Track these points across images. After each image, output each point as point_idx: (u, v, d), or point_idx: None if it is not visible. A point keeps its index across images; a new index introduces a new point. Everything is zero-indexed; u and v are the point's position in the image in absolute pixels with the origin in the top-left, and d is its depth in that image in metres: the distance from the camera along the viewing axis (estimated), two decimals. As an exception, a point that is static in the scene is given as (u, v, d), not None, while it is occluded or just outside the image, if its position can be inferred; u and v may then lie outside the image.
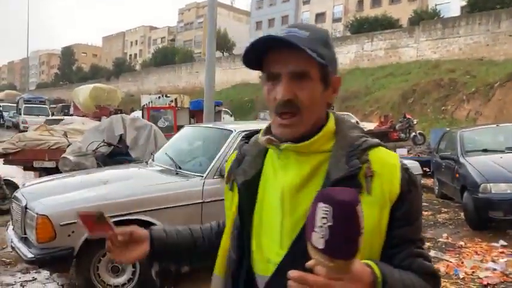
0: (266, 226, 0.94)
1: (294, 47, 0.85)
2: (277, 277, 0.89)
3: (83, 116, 16.10)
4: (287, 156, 0.92)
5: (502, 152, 6.28)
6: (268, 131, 0.97)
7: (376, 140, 0.94)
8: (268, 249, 0.92)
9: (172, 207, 3.57)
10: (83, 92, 23.14)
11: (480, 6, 26.21)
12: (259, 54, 0.91)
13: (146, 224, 3.51)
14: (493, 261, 4.49)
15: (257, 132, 1.04)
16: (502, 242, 5.07)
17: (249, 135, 1.08)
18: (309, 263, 0.72)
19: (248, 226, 0.96)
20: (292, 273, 0.71)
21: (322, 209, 0.68)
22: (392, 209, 0.87)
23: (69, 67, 72.08)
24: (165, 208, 3.56)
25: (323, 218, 0.67)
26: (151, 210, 3.53)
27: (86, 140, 6.49)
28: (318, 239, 0.68)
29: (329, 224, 0.67)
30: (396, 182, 0.88)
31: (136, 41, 72.89)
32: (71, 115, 22.14)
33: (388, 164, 0.90)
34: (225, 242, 1.02)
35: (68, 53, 74.97)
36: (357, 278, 0.73)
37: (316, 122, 0.92)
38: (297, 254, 0.84)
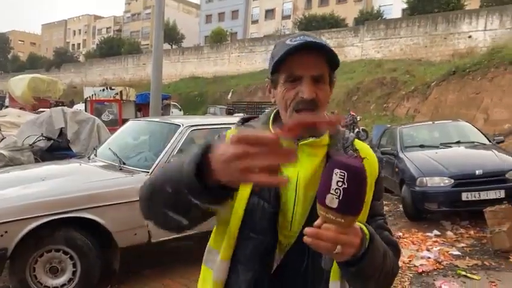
0: (280, 213, 1.02)
1: (319, 53, 0.99)
2: (286, 258, 1.02)
3: (20, 109, 15.10)
4: (301, 150, 1.02)
5: (436, 147, 6.67)
6: (276, 123, 1.09)
7: (352, 134, 1.14)
8: (280, 234, 1.02)
9: (116, 204, 3.45)
10: (20, 83, 21.65)
11: (419, 10, 27.69)
12: (281, 58, 1.00)
13: (89, 222, 3.39)
14: (428, 250, 4.78)
15: (252, 117, 1.18)
16: (435, 232, 5.41)
17: (245, 120, 1.17)
18: (317, 222, 0.82)
19: (273, 210, 1.01)
20: (308, 229, 0.81)
21: (338, 173, 0.78)
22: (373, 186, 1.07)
23: (4, 55, 67.33)
24: (108, 205, 3.44)
25: (339, 181, 0.78)
26: (94, 207, 3.39)
27: (22, 133, 6.10)
28: (332, 199, 0.78)
29: (344, 186, 0.78)
30: (376, 166, 1.10)
31: (80, 30, 69.53)
32: (7, 107, 20.71)
33: (368, 151, 1.11)
34: (236, 223, 1.02)
35: (2, 40, 69.85)
36: (357, 232, 0.85)
37: None
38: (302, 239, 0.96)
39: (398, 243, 1.11)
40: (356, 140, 1.12)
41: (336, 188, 0.78)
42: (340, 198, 0.78)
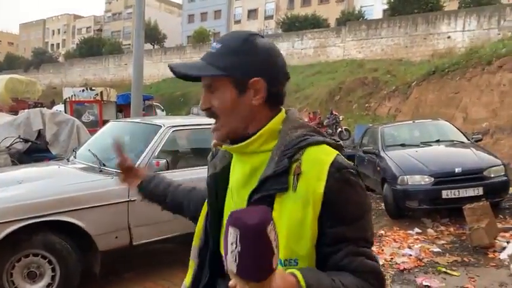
0: (225, 217, 1.04)
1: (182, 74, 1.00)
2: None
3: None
4: (235, 157, 1.04)
5: (417, 146, 6.76)
6: None
7: (318, 139, 0.96)
8: None
9: (96, 206, 3.39)
10: (-3, 84, 21.14)
11: (400, 10, 28.09)
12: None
13: (68, 226, 3.32)
14: (409, 247, 4.84)
15: None
16: (416, 230, 5.49)
17: None
18: (230, 283, 0.73)
19: (214, 214, 1.06)
20: None
21: (232, 233, 0.68)
22: (323, 206, 0.89)
23: (-20, 55, 65.62)
24: (88, 208, 3.37)
25: (233, 243, 0.68)
26: (73, 210, 3.33)
27: (-1, 135, 5.95)
28: (231, 263, 0.68)
29: (238, 249, 0.67)
30: (322, 178, 0.89)
31: (59, 29, 68.24)
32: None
33: (319, 163, 0.91)
34: (199, 227, 1.14)
35: (-22, 40, 68.16)
36: None
37: (248, 124, 0.98)
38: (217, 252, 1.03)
39: (377, 267, 0.93)
40: (317, 147, 0.93)
41: (232, 251, 0.68)
42: (237, 262, 0.67)
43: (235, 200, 1.00)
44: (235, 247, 0.68)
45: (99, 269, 3.50)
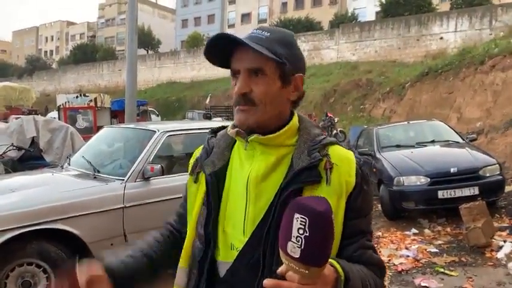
0: (231, 214, 0.98)
1: (246, 45, 0.92)
2: (238, 262, 0.95)
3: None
4: (253, 147, 0.98)
5: (412, 147, 6.77)
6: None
7: (334, 139, 1.03)
8: (232, 236, 0.97)
9: (91, 213, 3.36)
10: (-10, 91, 20.99)
11: (392, 12, 28.25)
12: (227, 53, 0.98)
13: (62, 234, 3.28)
14: (406, 248, 4.84)
15: (224, 127, 1.12)
16: (413, 230, 5.49)
17: (215, 130, 1.13)
18: (280, 270, 0.76)
19: (215, 215, 0.99)
20: (267, 281, 0.76)
21: (299, 219, 0.71)
22: (348, 199, 0.95)
23: (-27, 63, 65.19)
24: (82, 215, 3.34)
25: (300, 228, 0.70)
26: (68, 218, 3.29)
27: (-8, 143, 5.90)
28: (294, 248, 0.71)
29: (306, 234, 0.70)
30: (352, 174, 0.96)
31: (52, 36, 67.99)
32: (-24, 116, 20.02)
33: (346, 158, 0.98)
34: (190, 234, 1.05)
35: (-29, 48, 67.79)
36: (327, 280, 0.78)
37: (278, 117, 0.99)
38: (257, 240, 0.92)
39: (382, 261, 1.02)
40: (336, 146, 1.00)
41: (297, 236, 0.70)
42: (302, 247, 0.70)
43: (253, 192, 0.95)
44: (303, 232, 0.70)
45: None
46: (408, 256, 4.56)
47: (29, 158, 5.85)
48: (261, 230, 0.92)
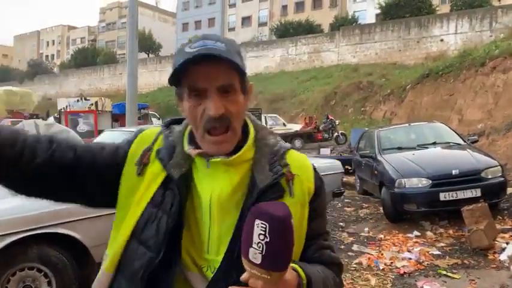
0: (191, 230, 0.92)
1: (224, 60, 0.84)
2: (216, 279, 0.90)
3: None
4: (216, 166, 0.91)
5: (413, 149, 6.76)
6: (192, 140, 0.95)
7: (289, 144, 1.01)
8: (194, 253, 0.92)
9: (91, 217, 3.35)
10: (-9, 96, 21.08)
11: (392, 15, 28.30)
12: (178, 69, 0.87)
13: (64, 238, 3.27)
14: (409, 251, 4.82)
15: (180, 120, 1.03)
16: (416, 233, 5.47)
17: (170, 123, 1.04)
18: (244, 277, 0.76)
19: (177, 222, 0.90)
20: None
21: (260, 225, 0.71)
22: (309, 204, 0.95)
23: (-26, 68, 65.42)
24: (83, 219, 3.33)
25: (260, 234, 0.71)
26: (68, 222, 3.28)
27: (-7, 148, 5.90)
28: (255, 254, 0.71)
29: (266, 240, 0.71)
30: (312, 181, 0.97)
31: (53, 41, 68.25)
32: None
33: (304, 165, 0.98)
34: (125, 235, 0.93)
35: (-28, 53, 68.04)
36: (289, 285, 0.79)
37: (240, 132, 0.94)
38: (231, 263, 0.88)
39: (339, 259, 1.05)
40: (291, 151, 0.98)
41: (258, 242, 0.71)
42: (264, 253, 0.70)
43: (216, 213, 0.89)
44: (263, 238, 0.70)
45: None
46: (410, 259, 4.54)
47: (30, 162, 5.84)
48: (232, 253, 0.87)
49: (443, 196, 5.51)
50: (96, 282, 0.98)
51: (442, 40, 25.44)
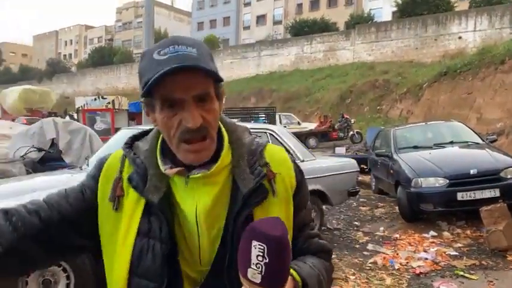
0: (182, 243, 0.89)
1: (200, 70, 0.81)
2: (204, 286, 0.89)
3: (13, 120, 15.01)
4: (195, 181, 0.87)
5: (430, 148, 6.67)
6: (165, 154, 0.90)
7: (265, 140, 0.98)
8: (188, 270, 0.90)
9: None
10: (11, 95, 21.49)
11: (409, 12, 27.92)
12: (154, 81, 0.81)
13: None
14: (425, 251, 4.76)
15: (143, 134, 0.97)
16: (432, 233, 5.40)
17: (134, 140, 0.97)
18: None
19: (167, 248, 0.86)
20: None
21: (257, 246, 0.71)
22: (292, 199, 0.94)
23: (-5, 67, 66.98)
24: (100, 215, 3.39)
25: (259, 255, 0.71)
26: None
27: (14, 145, 6.04)
28: (254, 274, 0.72)
29: (265, 261, 0.71)
30: (292, 175, 0.95)
31: (71, 40, 69.38)
32: (-1, 119, 20.54)
33: (283, 160, 0.96)
34: (123, 271, 0.88)
35: (-7, 53, 69.57)
36: None
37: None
38: (218, 272, 0.87)
39: (327, 245, 1.03)
40: (268, 148, 0.95)
41: (257, 263, 0.71)
42: (263, 273, 0.71)
43: (204, 225, 0.87)
44: (262, 259, 0.71)
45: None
46: (427, 259, 4.49)
47: (49, 159, 5.96)
48: (221, 262, 0.87)
49: (460, 196, 5.43)
50: None
51: (460, 37, 24.99)
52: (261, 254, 0.71)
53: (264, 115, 17.02)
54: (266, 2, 45.91)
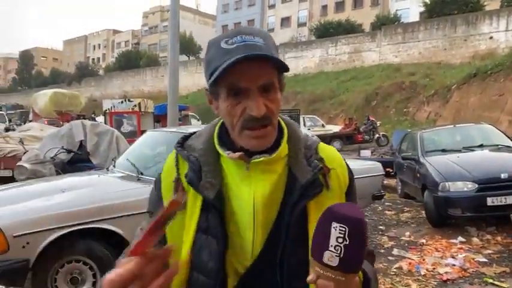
0: (235, 241, 0.90)
1: (267, 60, 0.83)
2: (248, 277, 0.89)
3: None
4: (254, 168, 0.89)
5: (458, 151, 6.50)
6: (224, 142, 0.93)
7: (317, 137, 1.00)
8: (236, 263, 0.90)
9: (134, 214, 3.47)
10: (42, 98, 22.26)
11: (438, 12, 27.33)
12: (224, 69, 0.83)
13: (108, 233, 3.41)
14: (452, 257, 4.63)
15: (188, 136, 1.00)
16: (460, 239, 5.25)
17: (182, 143, 0.99)
18: (310, 278, 0.74)
19: (222, 240, 0.88)
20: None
21: (338, 228, 0.71)
22: (345, 196, 0.95)
23: (28, 72, 69.39)
24: (126, 216, 3.45)
25: (339, 237, 0.71)
26: (112, 218, 3.42)
27: (44, 146, 6.23)
28: (332, 257, 0.71)
29: (345, 243, 0.71)
30: (345, 173, 0.97)
31: (99, 44, 71.22)
32: (31, 121, 21.28)
33: (336, 157, 0.98)
34: (183, 270, 0.89)
35: (26, 57, 72.10)
36: (355, 282, 0.78)
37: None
38: (268, 262, 0.88)
39: (370, 248, 1.03)
40: (321, 145, 0.97)
41: (336, 245, 0.71)
42: (341, 256, 0.71)
43: (261, 215, 0.88)
44: (342, 241, 0.71)
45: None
46: (454, 265, 4.37)
47: (77, 161, 6.13)
48: (273, 251, 0.87)
49: (490, 201, 5.26)
50: None
51: (491, 38, 24.27)
52: (342, 235, 0.71)
53: (288, 117, 16.99)
54: (291, 4, 45.86)
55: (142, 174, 3.89)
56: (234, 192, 0.90)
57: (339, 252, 0.71)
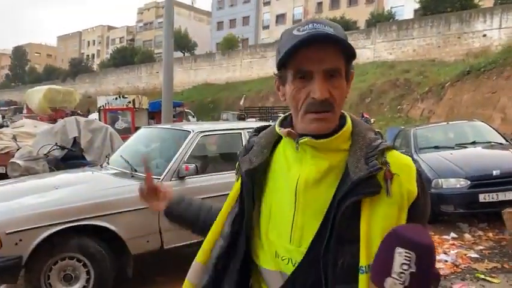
0: (276, 218, 0.93)
1: (332, 44, 0.85)
2: (296, 280, 0.89)
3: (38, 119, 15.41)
4: (304, 150, 0.91)
5: (451, 148, 6.54)
6: (285, 123, 1.00)
7: (391, 144, 0.97)
8: (277, 244, 0.92)
9: (128, 211, 3.47)
10: (36, 94, 22.05)
11: (432, 10, 27.41)
12: (289, 51, 0.87)
13: (101, 230, 3.41)
14: (445, 253, 4.68)
15: (266, 126, 1.07)
16: (452, 235, 5.30)
17: (259, 129, 1.08)
18: None
19: (249, 216, 0.96)
20: None
21: (404, 254, 0.66)
22: (409, 210, 0.87)
23: (21, 68, 68.85)
24: (120, 212, 3.45)
25: (404, 264, 0.66)
26: (106, 215, 3.41)
27: (37, 143, 6.21)
28: (395, 285, 0.66)
29: (411, 270, 0.65)
30: (413, 184, 0.88)
31: (94, 41, 70.73)
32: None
33: (406, 165, 0.90)
34: (216, 230, 1.02)
35: (19, 53, 71.55)
36: None
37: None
38: (315, 256, 0.87)
39: (439, 273, 0.97)
40: (394, 151, 0.92)
41: (400, 272, 0.65)
42: (407, 284, 0.65)
43: (302, 199, 0.89)
44: (407, 268, 0.65)
45: (132, 272, 3.58)
46: (446, 261, 4.41)
47: (71, 157, 6.10)
48: (319, 245, 0.86)
49: (482, 197, 5.31)
50: (190, 274, 1.04)
51: (485, 35, 24.40)
52: (407, 262, 0.65)
53: (282, 114, 17.05)
54: (286, 1, 45.79)
55: (136, 171, 3.88)
56: (284, 170, 0.95)
57: (403, 280, 0.65)
